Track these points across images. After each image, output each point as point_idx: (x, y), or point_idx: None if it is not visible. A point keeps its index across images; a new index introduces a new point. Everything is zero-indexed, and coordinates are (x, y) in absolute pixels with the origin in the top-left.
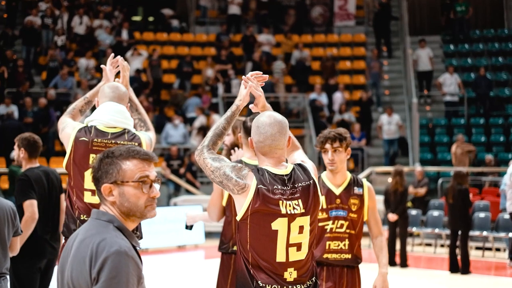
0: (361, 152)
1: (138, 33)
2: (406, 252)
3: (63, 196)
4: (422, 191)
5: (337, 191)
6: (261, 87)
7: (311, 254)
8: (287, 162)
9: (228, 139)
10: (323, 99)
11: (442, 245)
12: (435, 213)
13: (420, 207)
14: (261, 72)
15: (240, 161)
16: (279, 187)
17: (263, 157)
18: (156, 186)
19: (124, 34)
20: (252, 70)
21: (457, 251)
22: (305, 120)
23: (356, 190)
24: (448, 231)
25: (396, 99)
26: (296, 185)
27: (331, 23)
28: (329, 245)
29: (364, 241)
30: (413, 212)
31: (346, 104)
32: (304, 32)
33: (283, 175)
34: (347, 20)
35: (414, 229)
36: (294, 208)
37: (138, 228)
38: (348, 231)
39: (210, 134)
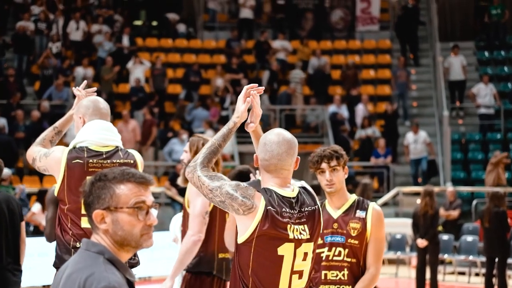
0: (386, 170)
1: (141, 39)
2: (437, 282)
3: (23, 224)
4: (454, 213)
5: (335, 214)
6: (277, 99)
7: (309, 283)
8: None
9: (185, 156)
10: (344, 111)
11: (477, 274)
12: (469, 238)
13: (452, 231)
14: (257, 84)
15: (258, 181)
16: (287, 210)
17: (268, 176)
18: (153, 212)
19: (125, 40)
20: (270, 80)
21: (494, 280)
22: (325, 135)
23: (358, 213)
24: (483, 258)
25: (425, 111)
26: (302, 209)
27: (353, 27)
28: (326, 275)
29: (390, 269)
30: (445, 237)
31: (369, 117)
32: (323, 38)
33: (290, 198)
34: (371, 24)
35: (446, 256)
36: (300, 233)
37: (135, 253)
38: (348, 259)
39: (204, 151)
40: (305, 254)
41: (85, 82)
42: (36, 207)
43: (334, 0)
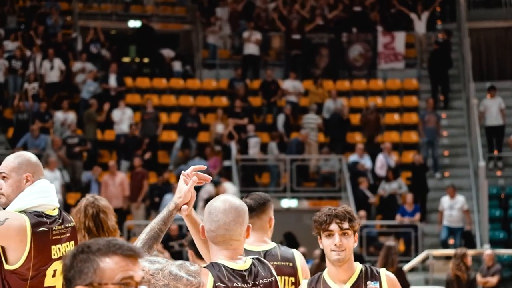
0: (414, 230)
1: (130, 78)
2: None
3: None
4: (493, 280)
5: None
6: (287, 147)
7: None
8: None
9: None
10: (367, 162)
11: None
12: None
13: None
14: (205, 167)
15: None
16: (239, 284)
17: (216, 248)
18: None
19: (112, 80)
20: (285, 124)
21: None
22: (343, 189)
23: (370, 284)
24: None
25: (458, 162)
26: (257, 282)
27: (374, 65)
28: None
29: None
30: None
31: (394, 168)
32: (340, 77)
33: (242, 270)
34: (395, 61)
35: None
36: None
37: None
38: None
39: (143, 236)
40: None
41: None
42: None
43: (353, 34)
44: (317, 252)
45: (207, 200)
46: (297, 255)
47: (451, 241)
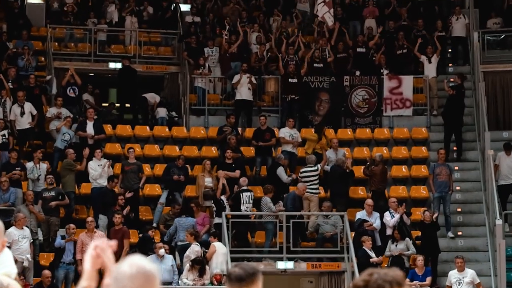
0: None
1: (110, 126)
2: None
3: None
4: None
5: None
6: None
7: None
8: None
9: None
10: (376, 220)
11: None
12: None
13: None
14: (106, 240)
15: None
16: None
17: None
18: None
19: (89, 127)
20: (276, 178)
21: None
22: (345, 250)
23: None
24: None
25: (473, 219)
26: None
27: (380, 112)
28: None
29: None
30: None
31: (401, 227)
32: (342, 125)
33: None
34: (402, 108)
35: None
36: None
37: None
38: None
39: None
40: None
41: None
42: None
43: (355, 77)
44: None
45: (194, 262)
46: None
47: None
